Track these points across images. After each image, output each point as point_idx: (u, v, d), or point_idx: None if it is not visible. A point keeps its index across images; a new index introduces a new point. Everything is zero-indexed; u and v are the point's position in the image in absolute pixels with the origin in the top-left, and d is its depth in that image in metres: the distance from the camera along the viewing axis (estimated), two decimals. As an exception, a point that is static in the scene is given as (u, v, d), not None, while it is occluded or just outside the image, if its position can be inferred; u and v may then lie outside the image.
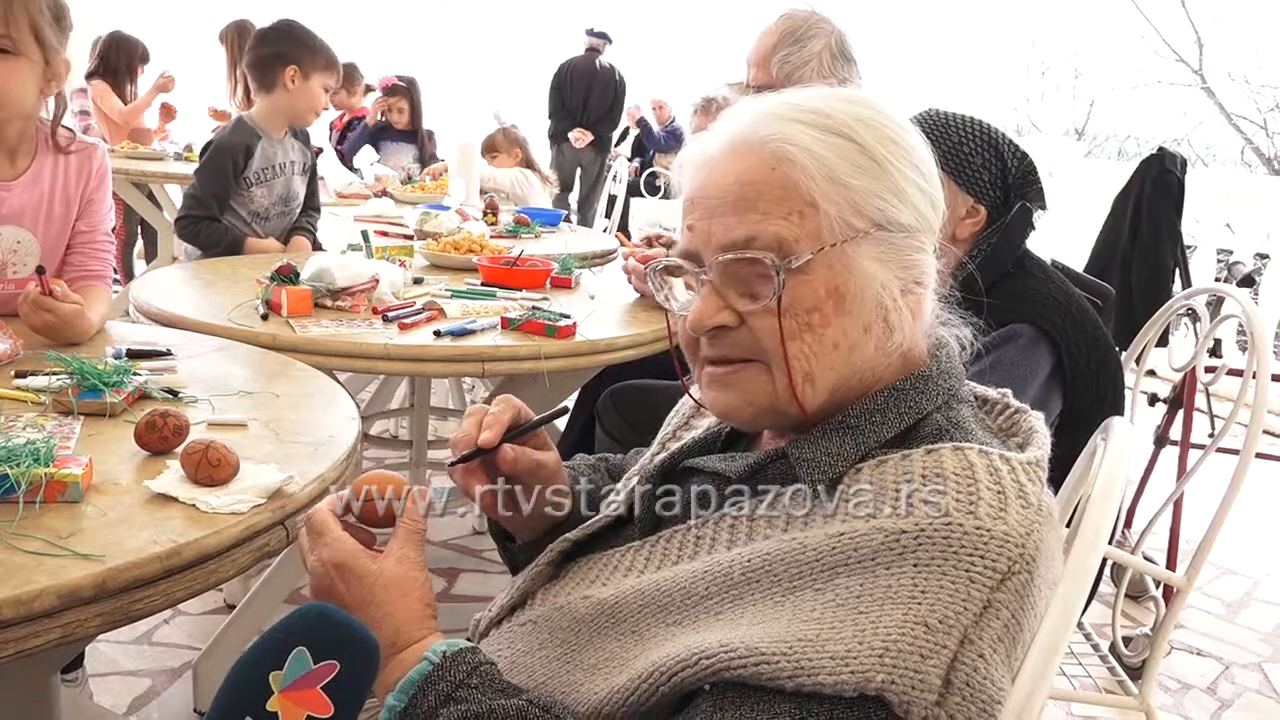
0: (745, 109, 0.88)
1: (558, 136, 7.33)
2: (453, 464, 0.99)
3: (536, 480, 1.01)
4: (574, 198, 7.92)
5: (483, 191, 4.19)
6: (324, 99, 2.83)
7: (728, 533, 0.85)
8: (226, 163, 2.72)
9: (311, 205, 2.99)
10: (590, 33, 7.60)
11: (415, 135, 5.32)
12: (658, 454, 1.05)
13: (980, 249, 1.63)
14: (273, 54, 2.77)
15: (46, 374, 1.35)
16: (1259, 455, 1.58)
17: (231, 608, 2.42)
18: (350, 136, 5.48)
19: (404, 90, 5.32)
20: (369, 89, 5.87)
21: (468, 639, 1.05)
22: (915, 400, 0.85)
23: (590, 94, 7.32)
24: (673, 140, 8.62)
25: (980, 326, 0.95)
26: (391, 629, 0.83)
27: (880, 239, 0.84)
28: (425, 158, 5.19)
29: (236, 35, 5.33)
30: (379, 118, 5.34)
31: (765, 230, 0.82)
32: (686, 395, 1.10)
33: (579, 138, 7.44)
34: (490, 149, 4.68)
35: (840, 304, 0.83)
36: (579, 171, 7.85)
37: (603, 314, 2.20)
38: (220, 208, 2.73)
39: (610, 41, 7.53)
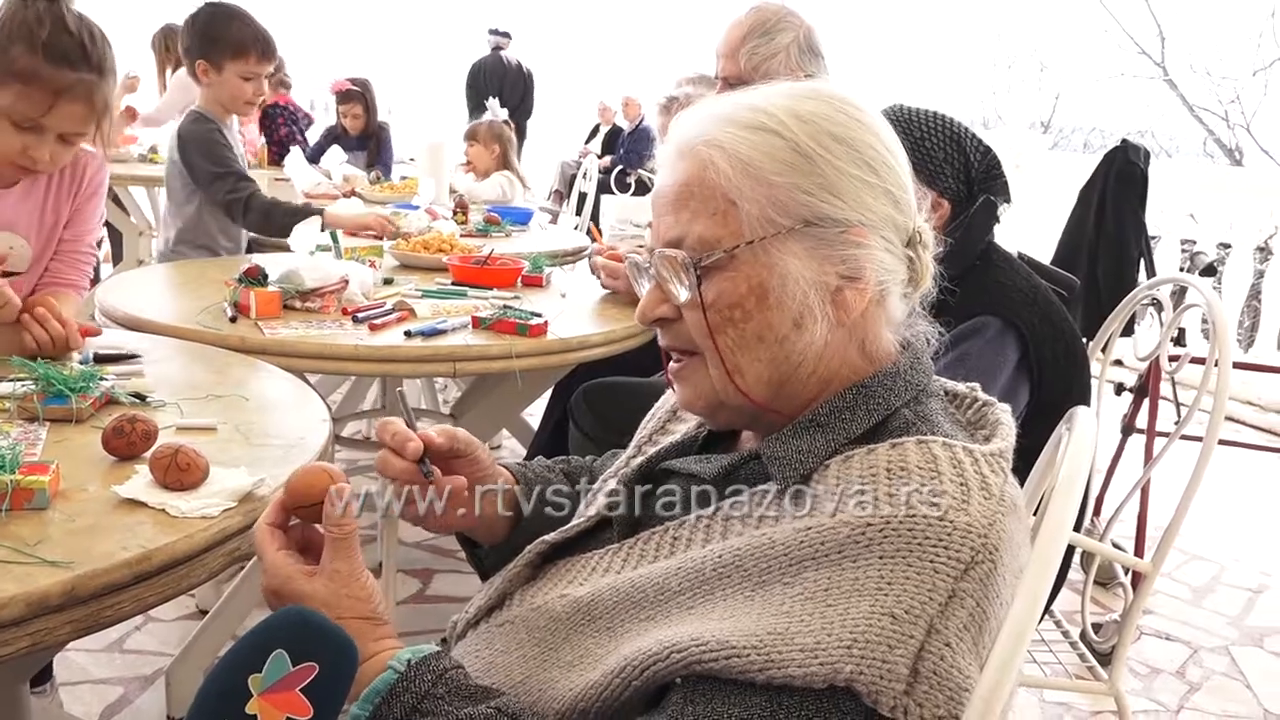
0: (697, 110, 0.90)
1: None
2: (429, 478, 0.98)
3: (471, 452, 1.03)
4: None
5: (452, 192, 4.16)
6: (250, 87, 2.78)
7: (703, 532, 0.86)
8: (220, 139, 2.77)
9: None
10: (493, 32, 8.30)
11: (370, 139, 5.26)
12: (634, 457, 1.06)
13: (945, 243, 1.64)
14: (184, 49, 2.85)
15: (11, 380, 1.34)
16: (1223, 442, 1.61)
17: (204, 613, 2.40)
18: (295, 136, 5.45)
19: (358, 95, 5.25)
20: (281, 82, 5.81)
21: (443, 640, 1.05)
22: (884, 396, 0.86)
23: (502, 88, 7.98)
24: (645, 143, 8.72)
25: (946, 320, 0.96)
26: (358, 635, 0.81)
27: (808, 234, 0.84)
28: (374, 162, 5.12)
29: (164, 40, 5.32)
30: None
31: (692, 230, 0.86)
32: (663, 398, 1.11)
33: None
34: (470, 136, 4.64)
35: (763, 299, 0.85)
36: None
37: (574, 312, 2.20)
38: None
39: (511, 39, 8.23)
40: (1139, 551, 2.71)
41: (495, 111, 4.51)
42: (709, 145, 0.85)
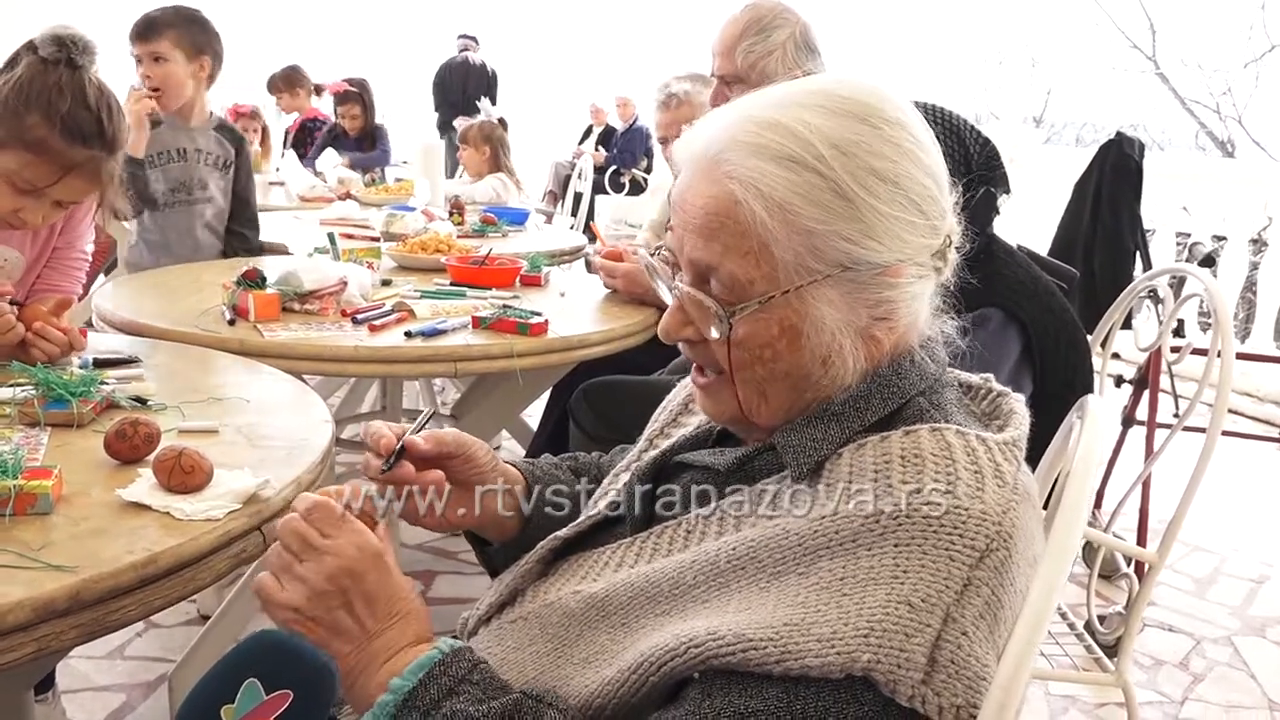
0: (724, 117, 0.84)
1: (445, 125, 8.46)
2: (385, 470, 0.96)
3: (464, 452, 1.02)
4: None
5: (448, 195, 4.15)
6: (139, 71, 2.68)
7: (716, 524, 0.86)
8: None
9: (242, 217, 2.87)
10: (461, 36, 8.92)
11: (368, 140, 5.28)
12: (646, 450, 1.05)
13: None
14: None
15: (11, 385, 1.33)
16: (1222, 432, 1.61)
17: (205, 619, 2.39)
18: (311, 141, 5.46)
19: (355, 96, 5.27)
20: (318, 90, 5.83)
21: (454, 638, 1.05)
22: (899, 386, 0.85)
23: (467, 87, 8.53)
24: (639, 142, 8.74)
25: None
26: (419, 623, 0.82)
27: (844, 279, 0.81)
28: (369, 162, 5.13)
29: None
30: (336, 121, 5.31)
31: (724, 265, 0.82)
32: (674, 391, 1.10)
33: (462, 124, 8.55)
34: (463, 138, 4.65)
35: (794, 341, 0.82)
36: None
37: (574, 311, 2.19)
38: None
39: (478, 43, 8.83)
40: (1141, 543, 2.71)
41: (488, 111, 4.50)
42: (740, 182, 0.80)
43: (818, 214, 0.79)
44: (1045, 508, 0.96)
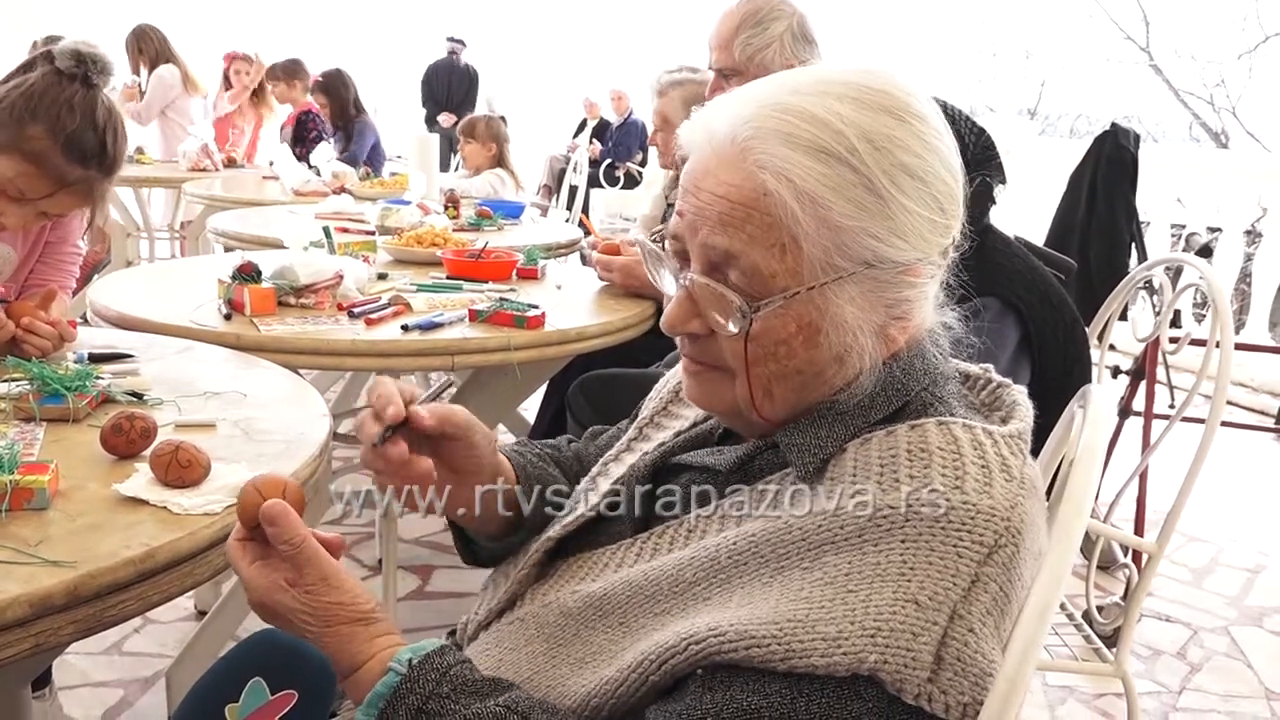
0: (746, 102, 0.80)
1: (430, 120, 9.35)
2: (377, 445, 0.89)
3: (467, 437, 0.96)
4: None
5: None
6: None
7: (717, 522, 0.84)
8: None
9: None
10: (450, 39, 9.73)
11: (343, 130, 5.32)
12: (637, 440, 1.03)
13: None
14: None
15: (6, 380, 1.32)
16: (1221, 424, 1.60)
17: (202, 614, 2.39)
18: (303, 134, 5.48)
19: (321, 84, 5.34)
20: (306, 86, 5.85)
21: (450, 634, 1.04)
22: (903, 381, 0.84)
23: (451, 85, 9.43)
24: (633, 136, 8.72)
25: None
26: (366, 630, 0.79)
27: (867, 276, 0.79)
28: (348, 153, 5.13)
29: (137, 41, 5.43)
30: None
31: (746, 254, 0.79)
32: (664, 379, 1.09)
33: (446, 120, 9.23)
34: (468, 132, 4.62)
35: (811, 339, 0.80)
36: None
37: (570, 303, 2.19)
38: None
39: (465, 45, 9.63)
40: (1139, 534, 2.71)
41: (492, 108, 4.52)
42: (771, 172, 0.77)
43: (849, 209, 0.77)
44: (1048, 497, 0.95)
